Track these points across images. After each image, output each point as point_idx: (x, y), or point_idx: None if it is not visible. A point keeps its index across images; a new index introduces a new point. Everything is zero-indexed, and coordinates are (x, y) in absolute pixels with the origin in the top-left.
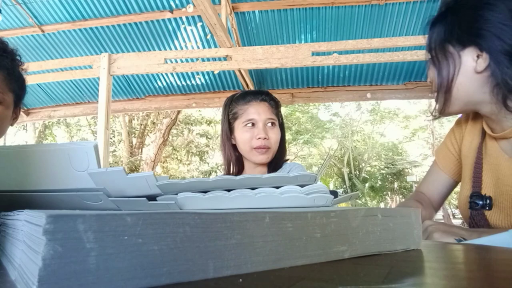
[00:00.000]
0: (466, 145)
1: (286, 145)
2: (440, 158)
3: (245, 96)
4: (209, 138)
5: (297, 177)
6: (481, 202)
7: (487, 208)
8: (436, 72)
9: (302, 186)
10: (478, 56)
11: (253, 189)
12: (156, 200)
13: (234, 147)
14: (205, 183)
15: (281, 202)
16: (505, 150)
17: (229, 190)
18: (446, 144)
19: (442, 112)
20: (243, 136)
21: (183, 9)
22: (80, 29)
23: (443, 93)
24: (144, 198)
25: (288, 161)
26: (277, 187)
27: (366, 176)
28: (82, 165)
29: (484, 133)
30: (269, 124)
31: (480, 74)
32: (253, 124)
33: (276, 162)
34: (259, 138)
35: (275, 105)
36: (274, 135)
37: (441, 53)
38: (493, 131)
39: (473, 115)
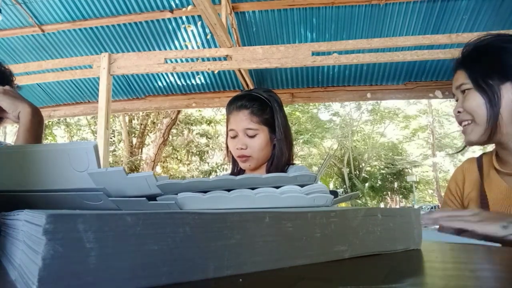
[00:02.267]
0: (468, 187)
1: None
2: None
3: (230, 104)
4: (209, 138)
5: (297, 177)
6: None
7: None
8: (487, 104)
9: (302, 186)
10: None
11: (253, 189)
12: (156, 200)
13: None
14: (205, 183)
15: (281, 202)
16: (510, 183)
17: (229, 190)
18: (446, 202)
19: (479, 141)
20: (229, 145)
21: (183, 9)
22: (80, 29)
23: (490, 124)
24: (144, 198)
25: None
26: (277, 187)
27: (366, 176)
28: (82, 165)
29: (481, 172)
30: (249, 133)
31: None
32: (234, 134)
33: (276, 165)
34: (237, 148)
35: (259, 110)
36: (254, 143)
37: (488, 87)
38: (503, 167)
39: (468, 163)
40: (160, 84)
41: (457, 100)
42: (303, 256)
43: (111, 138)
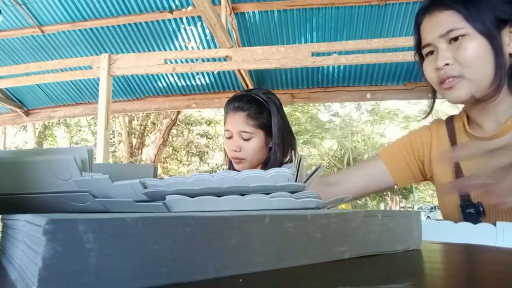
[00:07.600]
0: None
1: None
2: (387, 158)
3: (228, 104)
4: (209, 139)
5: (284, 186)
6: (474, 211)
7: (482, 216)
8: (493, 53)
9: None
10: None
11: None
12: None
13: None
14: (193, 191)
15: (270, 205)
16: None
17: None
18: (400, 149)
19: (467, 99)
20: (224, 145)
21: (183, 10)
22: (80, 30)
23: (497, 77)
24: (131, 200)
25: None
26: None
27: None
28: (65, 175)
29: (453, 140)
30: (244, 136)
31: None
32: (229, 135)
33: (272, 167)
34: (231, 150)
35: (256, 114)
36: (249, 146)
37: (491, 32)
38: (478, 131)
39: (435, 125)
40: (160, 84)
41: (429, 53)
42: (303, 256)
43: (111, 139)
